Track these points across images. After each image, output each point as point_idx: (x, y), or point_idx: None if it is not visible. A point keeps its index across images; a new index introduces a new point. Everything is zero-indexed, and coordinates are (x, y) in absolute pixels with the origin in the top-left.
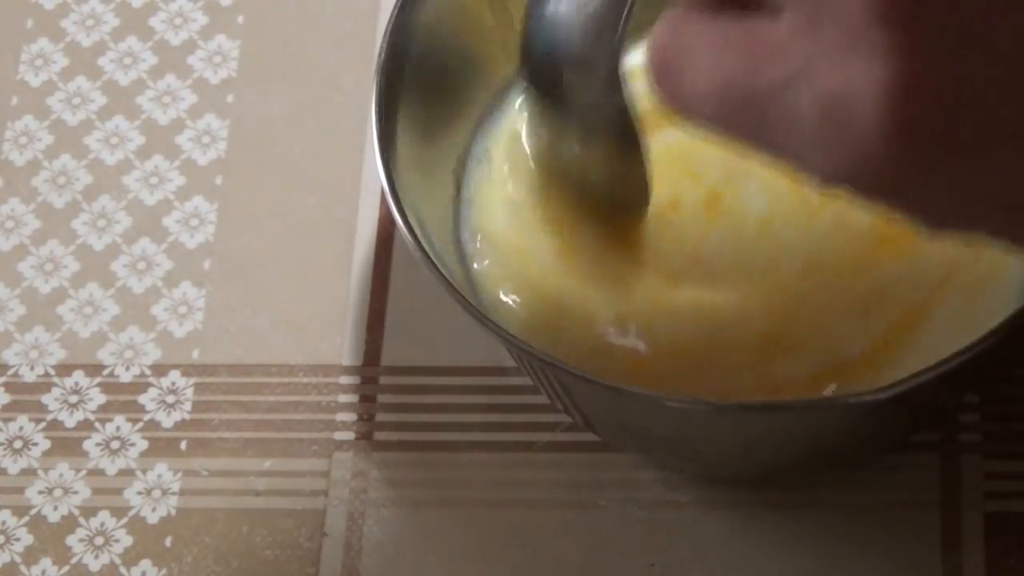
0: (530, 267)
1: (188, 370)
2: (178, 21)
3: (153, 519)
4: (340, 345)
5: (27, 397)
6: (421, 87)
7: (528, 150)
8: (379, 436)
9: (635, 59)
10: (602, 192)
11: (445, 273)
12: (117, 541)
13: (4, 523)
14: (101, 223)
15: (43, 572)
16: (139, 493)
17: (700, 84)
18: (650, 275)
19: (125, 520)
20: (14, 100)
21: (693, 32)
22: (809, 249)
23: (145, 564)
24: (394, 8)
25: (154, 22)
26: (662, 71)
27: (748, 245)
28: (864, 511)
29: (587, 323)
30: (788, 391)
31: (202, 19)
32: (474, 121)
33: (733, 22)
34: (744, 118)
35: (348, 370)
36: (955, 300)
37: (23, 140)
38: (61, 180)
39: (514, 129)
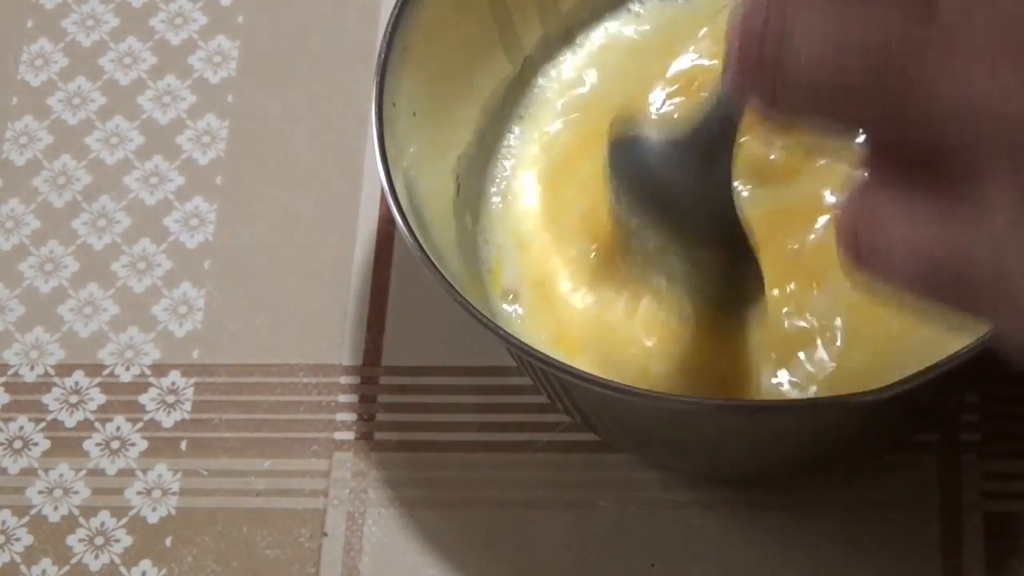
0: (532, 265)
1: (188, 370)
2: (178, 21)
3: (153, 519)
4: (340, 345)
5: (27, 397)
6: (421, 86)
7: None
8: (379, 436)
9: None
10: (710, 296)
11: (445, 273)
12: (117, 541)
13: (4, 523)
14: (101, 223)
15: (43, 572)
16: (139, 493)
17: (897, 255)
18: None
19: (125, 520)
20: (14, 100)
21: (886, 200)
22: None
23: (145, 564)
24: (394, 7)
25: (154, 22)
26: (854, 241)
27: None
28: (864, 511)
29: (595, 322)
30: None
31: (202, 19)
32: (474, 120)
33: (926, 192)
34: (945, 288)
35: (348, 370)
36: None
37: (23, 140)
38: (61, 180)
39: (515, 126)
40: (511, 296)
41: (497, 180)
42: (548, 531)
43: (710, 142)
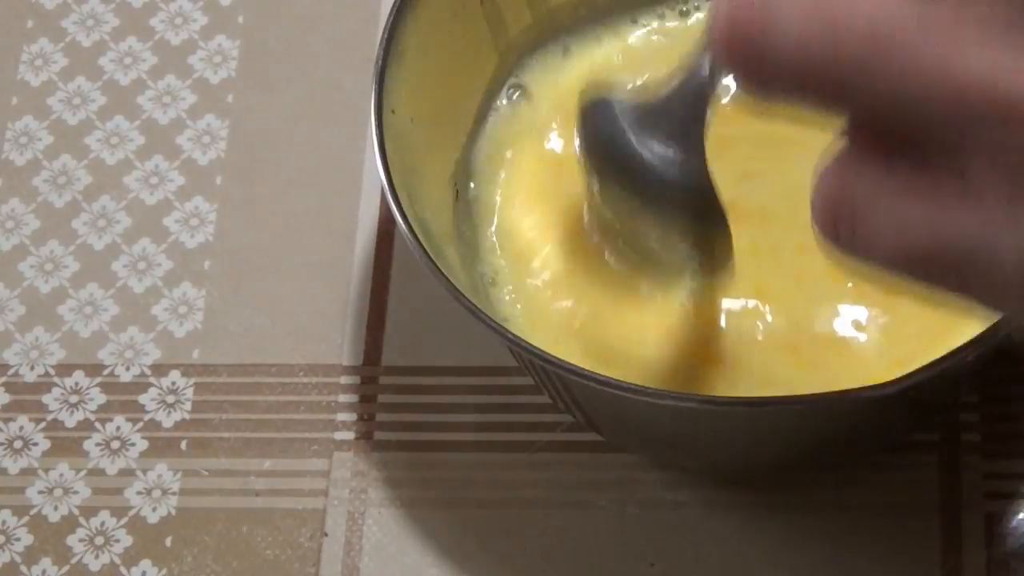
0: (533, 265)
1: (188, 370)
2: (178, 21)
3: (153, 519)
4: (340, 345)
5: (27, 397)
6: (418, 92)
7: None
8: (379, 436)
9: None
10: (680, 262)
11: (445, 273)
12: (117, 541)
13: (4, 523)
14: (101, 223)
15: (43, 572)
16: (139, 493)
17: (881, 235)
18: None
19: (125, 520)
20: (14, 100)
21: (867, 179)
22: None
23: (145, 564)
24: (393, 8)
25: (154, 22)
26: (834, 221)
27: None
28: (864, 511)
29: (596, 322)
30: None
31: (202, 19)
32: (473, 120)
33: (908, 169)
34: (932, 268)
35: (348, 370)
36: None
37: (23, 140)
38: (61, 180)
39: (515, 126)
40: (511, 296)
41: (496, 181)
42: (548, 531)
43: (684, 110)
